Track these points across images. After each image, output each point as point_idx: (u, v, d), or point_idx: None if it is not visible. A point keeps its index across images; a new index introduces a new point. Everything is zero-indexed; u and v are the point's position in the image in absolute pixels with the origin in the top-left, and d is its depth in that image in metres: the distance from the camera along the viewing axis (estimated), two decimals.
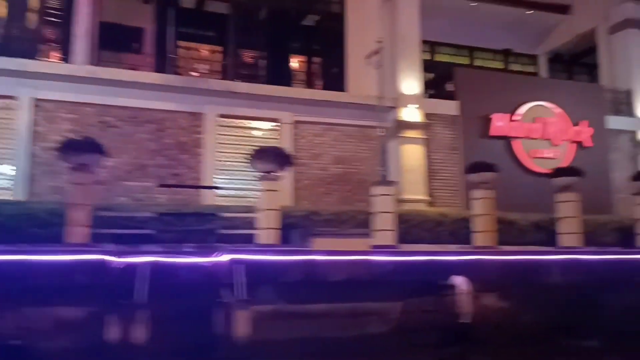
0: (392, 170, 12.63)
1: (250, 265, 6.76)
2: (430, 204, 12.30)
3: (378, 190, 8.55)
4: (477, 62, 17.58)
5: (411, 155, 12.45)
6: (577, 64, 18.63)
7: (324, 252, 7.48)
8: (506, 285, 8.23)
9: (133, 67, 12.27)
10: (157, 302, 5.75)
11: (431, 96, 14.44)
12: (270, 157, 7.66)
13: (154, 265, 5.90)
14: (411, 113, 12.58)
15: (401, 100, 12.62)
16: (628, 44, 15.13)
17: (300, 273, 7.18)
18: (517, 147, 13.19)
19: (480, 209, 9.05)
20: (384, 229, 8.40)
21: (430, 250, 8.44)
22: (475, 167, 9.28)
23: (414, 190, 12.26)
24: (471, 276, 7.83)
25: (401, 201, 12.11)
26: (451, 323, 7.68)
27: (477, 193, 9.16)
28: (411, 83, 12.77)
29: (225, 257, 6.85)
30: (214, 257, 6.81)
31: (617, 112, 14.89)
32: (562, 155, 13.47)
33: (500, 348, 7.77)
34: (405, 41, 13.01)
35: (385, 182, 8.62)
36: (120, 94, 10.73)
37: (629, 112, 14.85)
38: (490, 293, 8.15)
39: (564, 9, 16.95)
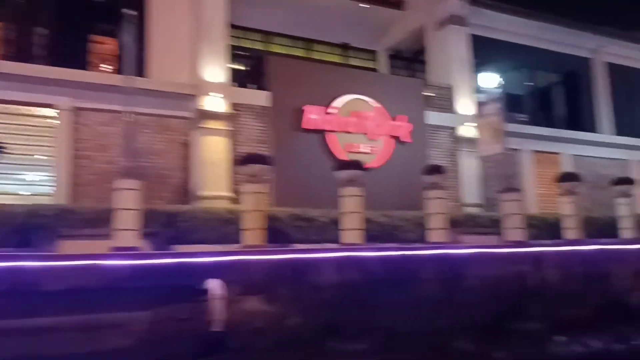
0: (193, 163, 11.63)
1: None
2: (234, 200, 11.43)
3: (121, 184, 7.45)
4: (315, 55, 17.04)
5: (213, 148, 11.50)
6: (417, 60, 18.68)
7: (32, 257, 6.35)
8: (272, 288, 7.58)
9: None
10: None
11: (259, 88, 13.60)
12: None
13: None
14: (215, 102, 11.64)
15: (203, 88, 11.63)
16: (449, 40, 15.23)
17: (3, 282, 6.04)
18: (332, 141, 12.63)
19: (250, 204, 8.27)
20: (127, 229, 7.32)
21: (181, 252, 7.53)
22: (244, 160, 8.46)
23: (215, 185, 11.33)
24: (233, 279, 7.14)
25: (201, 197, 11.21)
26: (206, 331, 6.96)
27: (246, 187, 8.36)
28: (216, 70, 11.81)
29: None
30: None
31: (440, 108, 14.96)
32: (378, 150, 13.15)
33: (259, 355, 7.13)
34: (210, 26, 12.01)
35: (131, 174, 7.54)
36: None
37: (450, 108, 14.95)
38: (253, 296, 7.46)
39: (397, 5, 16.88)
